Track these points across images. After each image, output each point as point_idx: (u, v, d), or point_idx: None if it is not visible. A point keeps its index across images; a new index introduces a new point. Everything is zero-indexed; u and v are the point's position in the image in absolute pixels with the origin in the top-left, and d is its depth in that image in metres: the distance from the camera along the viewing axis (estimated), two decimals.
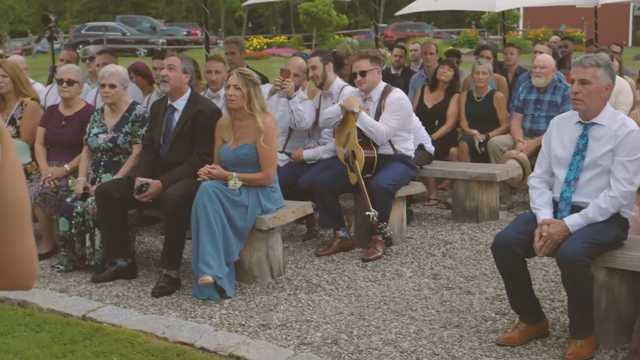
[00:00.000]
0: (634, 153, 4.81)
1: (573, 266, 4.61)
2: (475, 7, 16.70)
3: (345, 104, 7.00)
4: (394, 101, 7.07)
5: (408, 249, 7.12)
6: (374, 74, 7.03)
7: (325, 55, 7.61)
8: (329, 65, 7.47)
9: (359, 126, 6.90)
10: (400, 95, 7.18)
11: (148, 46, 40.65)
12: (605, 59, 4.95)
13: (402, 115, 7.09)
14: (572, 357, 4.73)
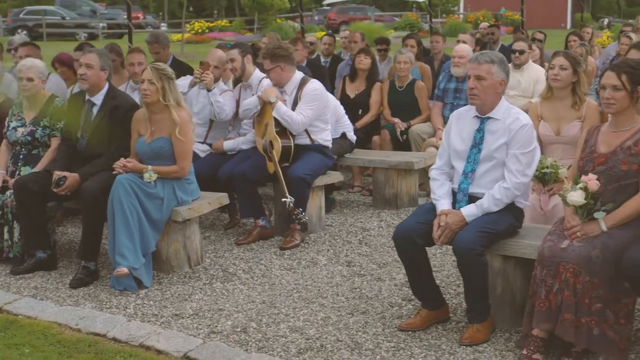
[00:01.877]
0: (526, 146, 5.05)
1: (467, 254, 4.84)
2: None
3: (262, 95, 7.17)
4: (309, 92, 7.25)
5: (326, 237, 7.31)
6: (277, 72, 7.19)
7: (244, 48, 7.75)
8: (247, 58, 7.61)
9: (276, 116, 7.06)
10: (316, 86, 7.35)
11: (88, 30, 40.22)
12: (499, 55, 5.16)
13: (318, 105, 7.26)
14: (468, 341, 4.97)
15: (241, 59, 7.55)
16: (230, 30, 38.60)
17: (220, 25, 40.53)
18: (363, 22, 37.33)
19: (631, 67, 4.77)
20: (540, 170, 5.51)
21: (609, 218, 4.66)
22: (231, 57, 7.57)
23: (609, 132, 4.86)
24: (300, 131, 7.18)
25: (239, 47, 7.71)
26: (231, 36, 35.74)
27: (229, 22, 42.66)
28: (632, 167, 4.67)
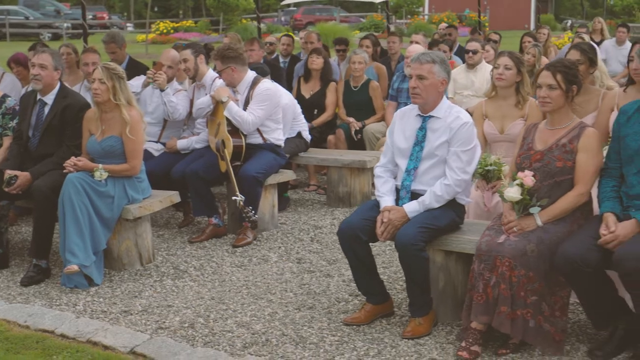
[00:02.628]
0: (467, 144, 5.18)
1: (408, 250, 4.96)
2: None
3: (215, 95, 7.25)
4: (261, 92, 7.34)
5: (278, 235, 7.40)
6: (228, 73, 7.29)
7: (197, 48, 7.81)
8: (200, 58, 7.69)
9: (227, 115, 7.16)
10: (267, 86, 7.44)
11: (52, 30, 39.93)
12: (440, 55, 5.29)
13: (269, 105, 7.36)
14: (410, 334, 5.09)
15: (194, 59, 7.62)
16: (196, 31, 38.52)
17: (185, 25, 40.43)
18: (328, 23, 37.44)
19: (566, 67, 4.92)
20: (484, 168, 5.63)
21: (544, 213, 4.80)
22: (184, 58, 7.64)
23: (546, 130, 5.00)
24: (250, 131, 7.27)
25: (192, 47, 7.79)
26: (196, 36, 35.65)
27: (194, 22, 42.56)
28: (567, 164, 4.82)
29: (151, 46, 32.39)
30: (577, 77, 4.94)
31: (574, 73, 4.93)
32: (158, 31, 37.82)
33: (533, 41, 11.76)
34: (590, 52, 5.87)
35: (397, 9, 41.53)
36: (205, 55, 7.80)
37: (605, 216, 4.64)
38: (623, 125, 4.80)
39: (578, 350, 4.85)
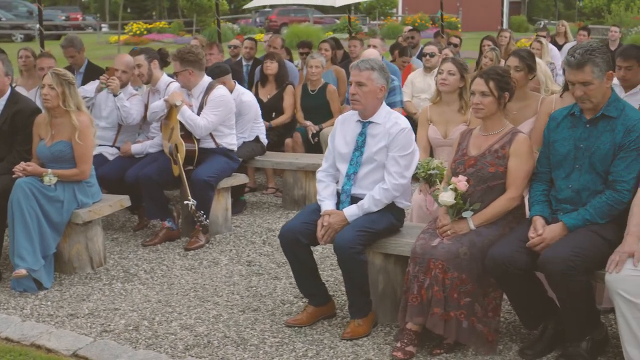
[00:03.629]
0: (405, 149, 5.30)
1: (346, 253, 5.07)
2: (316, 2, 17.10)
3: (169, 99, 7.34)
4: (215, 98, 7.44)
5: (231, 238, 7.50)
6: (185, 75, 7.38)
7: (150, 53, 7.88)
8: (154, 63, 7.76)
9: (180, 119, 7.24)
10: (222, 92, 7.54)
11: (24, 31, 39.74)
12: (379, 62, 5.41)
13: (223, 111, 7.46)
14: (349, 335, 5.20)
15: (147, 64, 7.70)
16: (169, 32, 38.48)
17: (158, 26, 40.36)
18: (302, 24, 37.51)
19: (498, 74, 5.05)
20: (426, 172, 5.75)
21: (477, 217, 4.94)
22: (138, 63, 7.71)
23: (479, 136, 5.13)
24: (203, 135, 7.36)
25: (145, 52, 7.85)
26: (170, 38, 35.65)
27: (167, 23, 42.51)
28: (499, 169, 4.95)
29: (124, 47, 32.30)
30: (510, 84, 5.08)
31: (506, 80, 5.06)
32: (131, 32, 37.71)
33: (492, 45, 11.91)
34: (529, 59, 6.00)
35: (370, 10, 41.72)
36: (159, 60, 7.87)
37: (533, 219, 4.78)
38: (552, 131, 4.94)
39: (510, 350, 4.98)
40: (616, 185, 4.63)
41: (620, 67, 6.27)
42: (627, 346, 4.42)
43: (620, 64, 6.27)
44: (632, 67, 6.22)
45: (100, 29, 45.10)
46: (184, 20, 42.48)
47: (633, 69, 6.23)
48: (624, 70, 6.25)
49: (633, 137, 4.61)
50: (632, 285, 4.33)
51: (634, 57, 6.23)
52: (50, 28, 41.02)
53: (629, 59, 6.23)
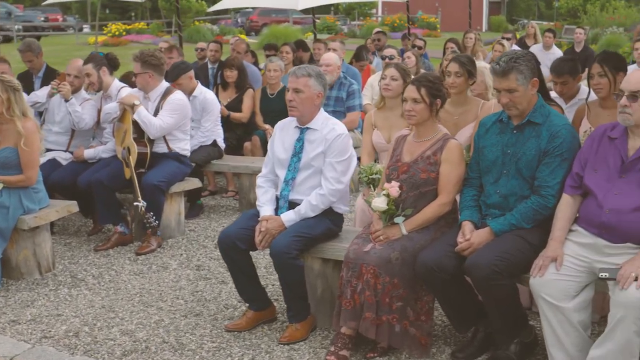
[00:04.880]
0: (341, 155, 5.36)
1: (282, 258, 5.12)
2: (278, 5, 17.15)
3: (125, 100, 7.34)
4: (173, 101, 7.48)
5: (183, 242, 7.55)
6: (145, 78, 7.41)
7: (98, 61, 7.86)
8: (103, 70, 7.79)
9: (136, 118, 7.27)
10: (180, 97, 7.59)
11: (3, 32, 39.60)
12: (316, 69, 5.46)
13: (180, 115, 7.51)
14: (286, 339, 5.25)
15: (96, 72, 7.73)
16: (148, 33, 38.43)
17: (137, 27, 40.30)
18: (281, 25, 37.52)
19: (429, 81, 5.11)
20: (369, 176, 5.81)
21: (409, 222, 5.00)
22: (86, 72, 7.74)
23: (413, 142, 5.20)
24: (157, 136, 7.40)
25: (93, 61, 7.85)
26: (149, 39, 35.59)
27: (146, 24, 42.44)
28: (431, 176, 5.02)
29: (103, 48, 32.23)
30: (441, 90, 5.14)
31: (438, 87, 5.13)
32: (110, 33, 37.64)
33: (455, 47, 12.00)
34: (469, 65, 6.06)
35: (349, 10, 41.80)
36: (107, 66, 7.90)
37: (462, 224, 4.85)
38: (482, 137, 5.01)
39: (444, 353, 5.05)
40: (541, 191, 4.70)
41: (556, 83, 6.39)
42: (551, 349, 4.49)
43: (556, 80, 6.39)
44: (567, 82, 6.35)
45: (81, 30, 44.98)
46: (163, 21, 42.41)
47: (568, 83, 6.35)
48: (560, 85, 6.37)
49: (557, 142, 4.69)
50: (555, 289, 4.40)
51: (567, 72, 6.34)
52: (30, 29, 41.01)
53: (562, 75, 6.36)
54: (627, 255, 4.32)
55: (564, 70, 6.35)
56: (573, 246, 4.50)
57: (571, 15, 38.85)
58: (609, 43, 27.16)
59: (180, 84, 8.45)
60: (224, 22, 44.68)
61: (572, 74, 6.35)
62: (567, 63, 6.44)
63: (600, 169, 4.50)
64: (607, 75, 5.63)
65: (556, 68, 6.43)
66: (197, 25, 37.61)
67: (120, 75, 9.22)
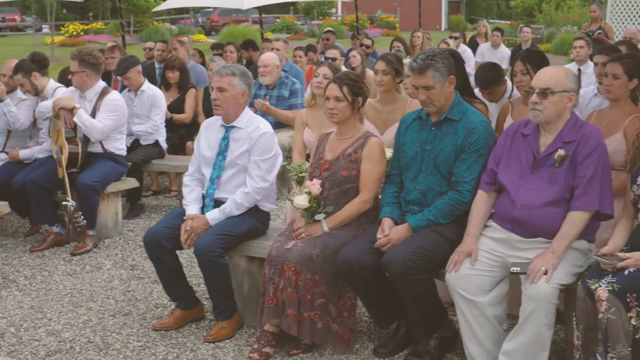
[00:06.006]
0: (266, 153, 5.39)
1: (206, 256, 5.14)
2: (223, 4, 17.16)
3: (65, 104, 7.26)
4: (110, 102, 7.46)
5: (120, 242, 7.53)
6: (82, 76, 7.38)
7: (26, 68, 7.75)
8: (34, 75, 7.71)
9: (77, 122, 7.23)
10: (116, 97, 7.58)
11: None
12: (240, 68, 5.48)
13: (119, 116, 7.49)
14: (212, 337, 5.27)
15: (28, 80, 7.68)
16: (106, 33, 38.15)
17: (95, 27, 40.01)
18: (240, 25, 37.46)
19: (351, 80, 5.16)
20: (298, 174, 5.84)
21: (331, 220, 5.04)
22: (19, 83, 7.69)
23: (335, 140, 5.24)
24: (99, 138, 7.37)
25: (20, 70, 7.71)
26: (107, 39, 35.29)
27: (104, 24, 42.15)
28: (352, 173, 5.06)
29: (60, 49, 31.98)
30: (363, 89, 5.19)
31: (359, 85, 5.17)
32: (67, 34, 37.34)
33: (401, 47, 12.08)
34: (396, 63, 6.12)
35: (309, 10, 41.81)
36: (37, 69, 7.83)
37: (382, 221, 4.90)
38: (402, 133, 5.07)
39: (367, 349, 5.10)
40: (458, 186, 4.77)
41: (484, 94, 6.53)
42: (467, 342, 4.56)
43: (482, 92, 6.55)
44: (494, 91, 6.53)
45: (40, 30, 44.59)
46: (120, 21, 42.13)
47: (495, 91, 6.52)
48: (488, 95, 6.53)
49: (473, 139, 4.76)
50: (470, 284, 4.47)
51: (491, 84, 6.70)
52: None
53: (487, 87, 6.67)
54: (538, 249, 4.40)
55: (488, 82, 6.52)
56: (488, 241, 4.57)
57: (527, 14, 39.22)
58: (563, 42, 27.47)
59: (128, 77, 8.49)
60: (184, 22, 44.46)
61: (497, 83, 6.48)
62: (490, 73, 6.57)
63: (514, 165, 4.58)
64: (529, 73, 5.72)
65: (482, 82, 6.58)
66: (156, 25, 37.41)
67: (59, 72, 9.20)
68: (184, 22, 44.96)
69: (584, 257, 4.47)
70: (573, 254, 4.40)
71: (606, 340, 4.05)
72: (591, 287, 4.11)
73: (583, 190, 4.35)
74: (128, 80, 8.55)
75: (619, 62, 5.35)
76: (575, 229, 4.35)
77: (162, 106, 8.71)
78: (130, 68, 8.50)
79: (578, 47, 9.96)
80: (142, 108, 8.59)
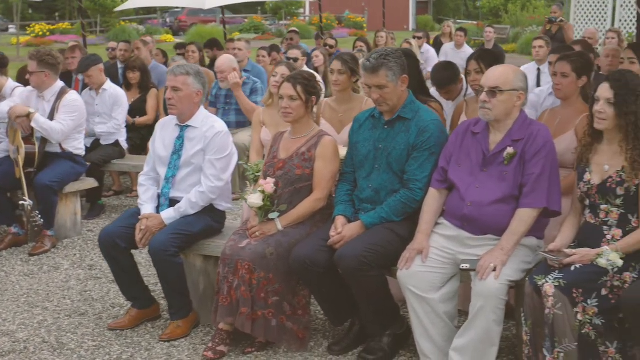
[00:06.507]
0: (221, 152, 5.39)
1: (160, 255, 5.15)
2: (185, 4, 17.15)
3: (20, 111, 7.19)
4: (69, 103, 7.43)
5: (79, 242, 7.50)
6: (40, 77, 7.34)
7: None
8: None
9: (35, 126, 7.18)
10: (75, 97, 7.55)
11: None
12: (195, 68, 5.48)
13: (78, 116, 7.47)
14: (167, 336, 5.28)
15: None
16: (73, 33, 37.91)
17: (61, 27, 39.73)
18: (208, 25, 37.38)
19: (305, 79, 5.19)
20: (255, 174, 5.85)
21: (285, 218, 5.06)
22: None
23: (289, 139, 5.26)
24: (60, 140, 7.34)
25: None
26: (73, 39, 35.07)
27: (70, 24, 41.87)
28: (305, 172, 5.09)
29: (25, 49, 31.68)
30: (317, 88, 5.22)
31: (313, 85, 5.20)
32: (34, 34, 37.05)
33: (364, 46, 12.12)
34: (352, 63, 6.14)
35: (276, 10, 41.80)
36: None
37: (335, 219, 4.94)
38: (356, 132, 5.10)
39: (321, 346, 5.13)
40: (410, 184, 4.81)
41: (441, 93, 6.59)
42: (419, 339, 4.60)
43: (439, 91, 6.61)
44: (450, 90, 6.61)
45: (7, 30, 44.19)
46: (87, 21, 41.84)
47: (451, 90, 6.61)
48: (444, 94, 6.61)
49: (425, 137, 4.80)
50: (421, 281, 4.51)
51: (448, 84, 6.75)
52: None
53: (444, 87, 6.74)
54: (488, 246, 4.46)
55: (444, 82, 6.59)
56: (439, 239, 4.62)
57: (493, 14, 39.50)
58: (528, 42, 27.60)
59: (90, 75, 8.48)
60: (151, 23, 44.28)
61: (453, 82, 6.55)
62: (446, 73, 6.65)
63: (464, 163, 4.63)
64: (483, 71, 5.75)
65: (438, 82, 6.64)
66: (123, 26, 37.23)
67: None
68: (151, 22, 44.73)
69: (533, 254, 4.53)
70: (522, 250, 4.47)
71: (553, 336, 4.11)
72: (538, 283, 4.17)
73: (531, 187, 4.41)
74: (89, 79, 8.51)
75: (567, 61, 5.42)
76: (524, 226, 4.41)
77: (124, 105, 8.70)
78: (92, 66, 8.48)
79: (537, 46, 10.05)
80: (103, 107, 8.56)
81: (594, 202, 4.34)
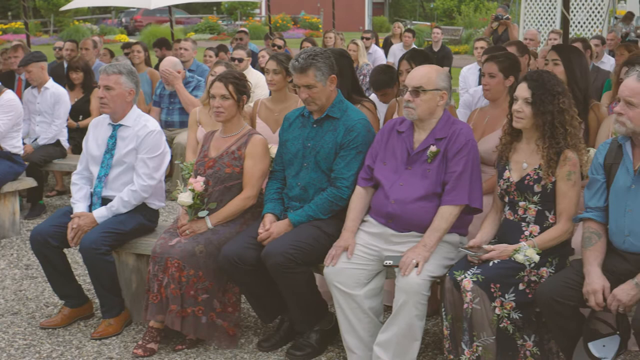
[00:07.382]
0: (153, 151, 5.42)
1: (91, 254, 5.15)
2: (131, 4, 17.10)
3: None
4: (5, 102, 7.41)
5: (17, 242, 7.47)
6: None
7: None
8: None
9: None
10: (11, 97, 7.53)
11: None
12: (127, 67, 5.49)
13: (14, 115, 7.46)
14: (98, 334, 5.29)
15: None
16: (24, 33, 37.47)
17: (14, 27, 39.27)
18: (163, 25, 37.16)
19: (236, 78, 5.24)
20: (190, 173, 5.85)
21: (215, 216, 5.11)
22: None
23: (220, 138, 5.31)
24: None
25: None
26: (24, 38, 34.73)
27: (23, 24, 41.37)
28: (235, 170, 5.14)
29: None
30: (247, 87, 5.27)
31: (244, 84, 5.26)
32: None
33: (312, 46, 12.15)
34: (286, 62, 6.18)
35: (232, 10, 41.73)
36: None
37: (264, 216, 4.99)
38: (285, 130, 5.16)
39: (251, 343, 5.19)
40: (337, 182, 4.88)
41: (378, 95, 6.73)
42: (345, 335, 4.67)
43: (376, 93, 6.76)
44: (387, 92, 6.84)
45: None
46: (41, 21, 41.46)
47: (387, 93, 6.80)
48: (381, 97, 6.79)
49: (352, 136, 4.88)
50: (347, 278, 4.58)
51: (384, 87, 6.95)
52: None
53: (380, 89, 6.95)
54: (411, 243, 4.55)
55: (380, 85, 6.70)
56: (364, 236, 4.70)
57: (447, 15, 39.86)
58: None
59: (29, 71, 8.43)
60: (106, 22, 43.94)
61: (388, 85, 6.67)
62: (383, 76, 6.76)
63: (389, 161, 4.71)
64: None
65: (375, 84, 6.76)
66: (77, 25, 36.92)
67: None
68: (106, 22, 44.39)
69: (456, 250, 4.62)
70: (444, 247, 4.56)
71: (471, 330, 4.21)
72: (457, 278, 4.26)
73: (453, 185, 4.51)
74: (29, 74, 8.44)
75: (494, 61, 5.53)
76: (446, 223, 4.50)
77: (66, 104, 8.65)
78: (32, 61, 8.42)
79: (479, 47, 10.17)
80: (44, 105, 8.53)
81: (513, 199, 4.44)
